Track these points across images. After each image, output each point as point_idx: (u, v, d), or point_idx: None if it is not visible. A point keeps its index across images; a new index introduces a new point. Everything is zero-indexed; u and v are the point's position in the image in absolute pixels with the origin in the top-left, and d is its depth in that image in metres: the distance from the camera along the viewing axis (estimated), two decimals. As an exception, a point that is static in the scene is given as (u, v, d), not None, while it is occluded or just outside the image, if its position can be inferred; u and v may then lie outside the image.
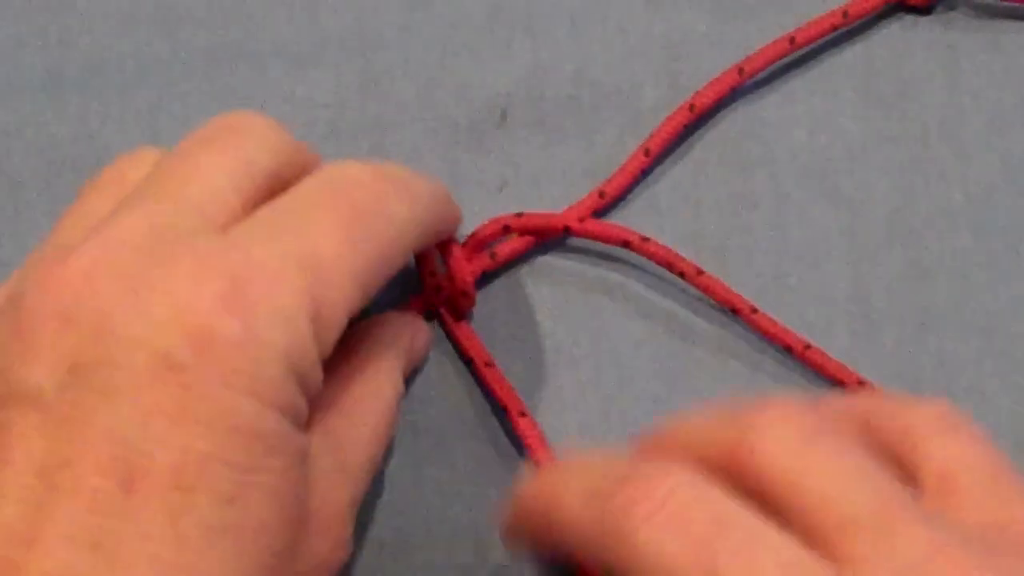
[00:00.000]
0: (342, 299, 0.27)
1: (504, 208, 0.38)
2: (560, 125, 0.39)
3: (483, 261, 0.37)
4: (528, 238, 0.37)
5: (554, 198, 0.39)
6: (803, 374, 0.37)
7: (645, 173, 0.38)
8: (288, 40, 0.40)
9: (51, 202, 0.39)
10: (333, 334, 0.27)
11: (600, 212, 0.38)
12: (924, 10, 0.40)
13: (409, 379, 0.36)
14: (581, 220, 0.37)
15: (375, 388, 0.32)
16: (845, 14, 0.39)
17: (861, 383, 0.35)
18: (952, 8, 0.40)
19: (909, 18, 0.40)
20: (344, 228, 0.28)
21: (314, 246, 0.27)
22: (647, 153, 0.38)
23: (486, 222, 0.37)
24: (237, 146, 0.29)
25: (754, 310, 0.36)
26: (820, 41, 0.39)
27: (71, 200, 0.38)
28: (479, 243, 0.37)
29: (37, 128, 0.39)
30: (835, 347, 0.37)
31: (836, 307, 0.38)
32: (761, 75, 0.39)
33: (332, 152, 0.38)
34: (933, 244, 0.38)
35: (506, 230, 0.37)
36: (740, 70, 0.38)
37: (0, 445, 0.25)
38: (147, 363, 0.25)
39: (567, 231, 0.37)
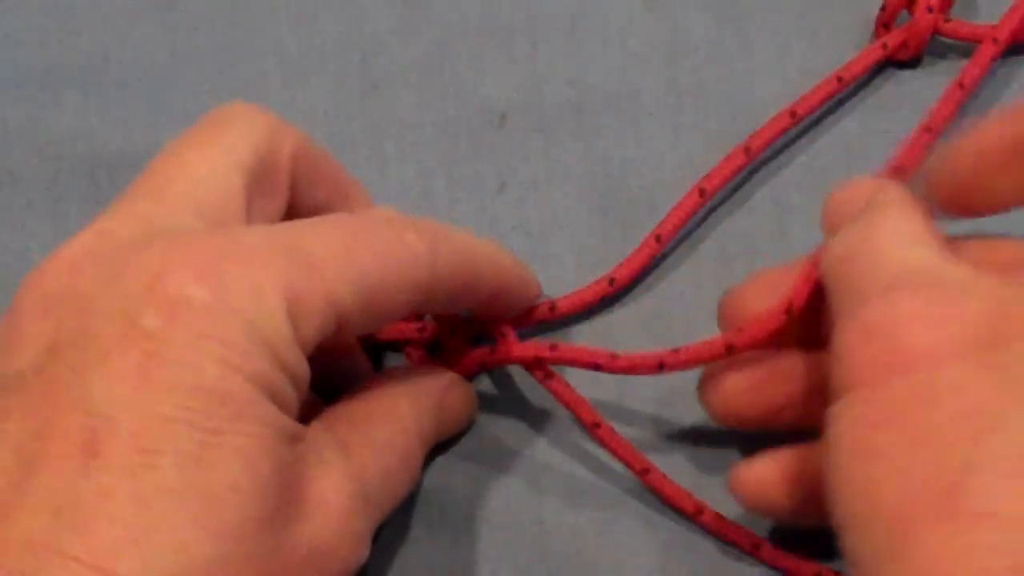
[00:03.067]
0: (326, 292, 0.27)
1: (503, 210, 0.38)
2: (559, 129, 0.39)
3: (542, 313, 0.36)
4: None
5: (552, 201, 0.39)
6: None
7: (656, 259, 0.38)
8: (288, 42, 0.40)
9: (51, 200, 0.39)
10: (313, 323, 0.27)
11: (610, 298, 0.37)
12: (912, 63, 0.40)
13: (453, 440, 0.36)
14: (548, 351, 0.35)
15: (393, 418, 0.32)
16: (839, 79, 0.38)
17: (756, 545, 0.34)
18: (942, 57, 0.40)
19: (899, 74, 0.40)
20: (344, 237, 0.28)
21: (307, 243, 0.28)
22: (658, 239, 0.37)
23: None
24: (219, 137, 0.30)
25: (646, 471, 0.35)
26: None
27: (71, 198, 0.39)
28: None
29: (37, 126, 0.40)
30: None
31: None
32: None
33: (332, 155, 0.39)
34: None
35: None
36: (746, 149, 0.38)
37: None
38: (116, 333, 0.25)
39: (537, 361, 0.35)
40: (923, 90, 0.39)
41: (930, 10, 0.39)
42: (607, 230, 0.38)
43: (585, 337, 0.37)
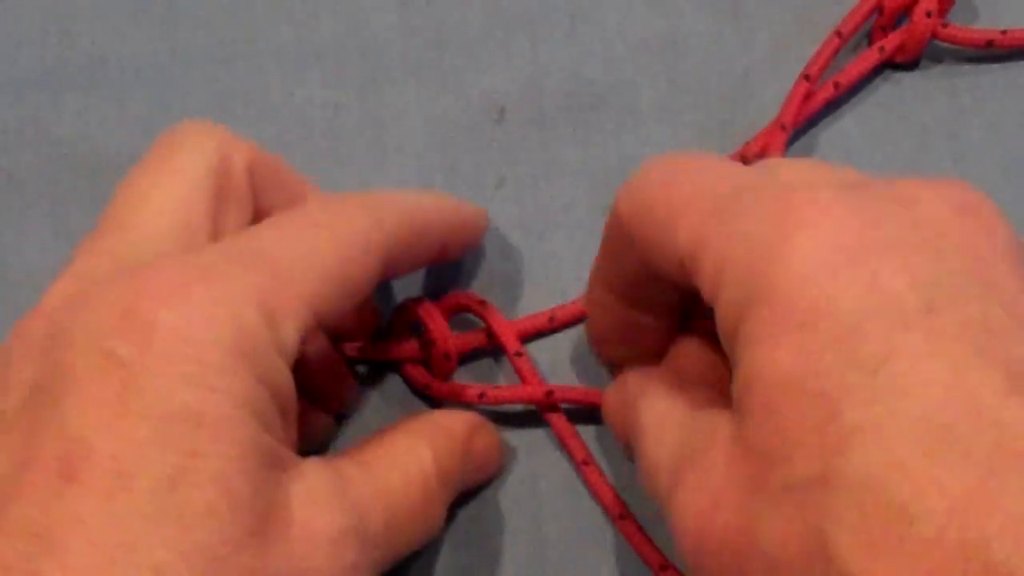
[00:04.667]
0: (297, 291, 0.28)
1: (502, 205, 0.38)
2: (558, 123, 0.39)
3: (539, 322, 0.37)
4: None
5: (551, 196, 0.39)
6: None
7: None
8: (287, 41, 0.40)
9: (51, 201, 0.39)
10: (291, 324, 0.28)
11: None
12: (910, 66, 0.40)
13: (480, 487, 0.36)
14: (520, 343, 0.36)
15: (408, 460, 0.32)
16: (836, 84, 0.38)
17: None
18: (939, 61, 0.40)
19: (897, 76, 0.40)
20: (298, 231, 0.29)
21: (267, 246, 0.29)
22: None
23: (456, 294, 0.37)
24: (174, 160, 0.31)
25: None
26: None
27: (71, 198, 0.39)
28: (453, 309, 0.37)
29: (37, 127, 0.40)
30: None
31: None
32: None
33: (331, 150, 0.39)
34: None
35: (466, 309, 0.37)
36: (742, 158, 0.38)
37: None
38: (91, 364, 0.26)
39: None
40: (920, 93, 0.40)
41: (928, 14, 0.39)
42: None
43: (583, 337, 0.37)
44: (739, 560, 0.25)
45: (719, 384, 0.31)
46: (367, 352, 0.36)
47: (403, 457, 0.32)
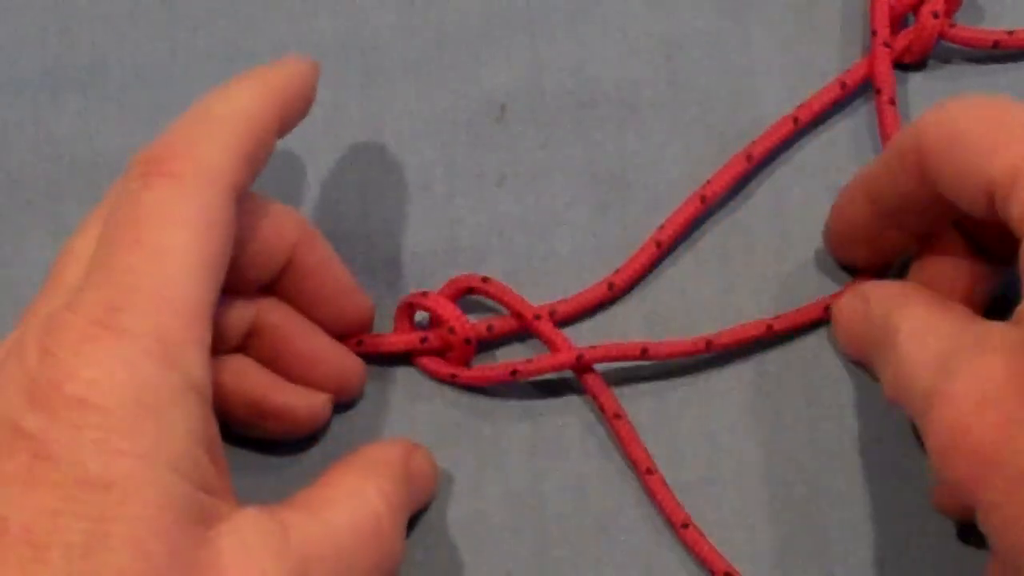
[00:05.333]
0: (187, 314, 0.28)
1: (503, 203, 0.39)
2: (559, 121, 0.39)
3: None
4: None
5: (552, 195, 0.39)
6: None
7: (655, 264, 0.38)
8: (287, 40, 0.40)
9: (51, 201, 0.39)
10: (194, 353, 0.28)
11: (608, 303, 0.38)
12: (917, 66, 0.40)
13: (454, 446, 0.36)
14: (537, 318, 0.36)
15: (347, 496, 0.31)
16: (843, 84, 0.38)
17: (728, 573, 0.34)
18: (946, 61, 0.40)
19: (903, 76, 0.40)
20: (151, 236, 0.28)
21: (130, 268, 0.28)
22: (658, 245, 0.37)
23: (460, 277, 0.37)
24: (97, 217, 0.30)
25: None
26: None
27: (71, 198, 0.39)
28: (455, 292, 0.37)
29: (37, 127, 0.40)
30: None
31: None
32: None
33: (330, 148, 0.39)
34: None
35: (470, 291, 0.37)
36: (748, 156, 0.38)
37: None
38: (3, 441, 0.26)
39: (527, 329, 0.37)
40: (926, 93, 0.39)
41: (935, 15, 0.38)
42: (606, 223, 0.38)
43: (584, 336, 0.37)
44: (990, 463, 0.26)
45: (968, 301, 0.34)
46: (366, 347, 0.36)
47: (350, 495, 0.31)
